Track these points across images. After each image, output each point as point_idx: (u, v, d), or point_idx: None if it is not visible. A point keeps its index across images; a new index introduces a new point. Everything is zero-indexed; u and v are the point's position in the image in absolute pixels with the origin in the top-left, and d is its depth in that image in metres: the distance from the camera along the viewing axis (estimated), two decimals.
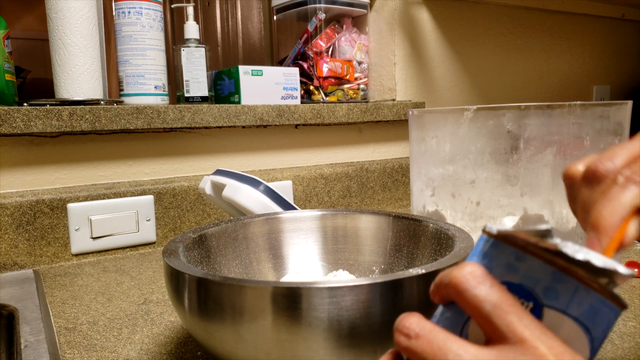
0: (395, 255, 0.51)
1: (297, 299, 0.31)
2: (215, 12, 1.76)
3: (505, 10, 1.34)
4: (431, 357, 0.22)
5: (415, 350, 0.22)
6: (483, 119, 0.47)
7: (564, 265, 0.23)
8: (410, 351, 0.23)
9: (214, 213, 0.88)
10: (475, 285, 0.22)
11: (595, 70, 1.59)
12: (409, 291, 0.33)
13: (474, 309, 0.22)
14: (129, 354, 0.46)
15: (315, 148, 1.06)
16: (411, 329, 0.23)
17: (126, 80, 0.86)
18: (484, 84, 1.33)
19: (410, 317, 0.24)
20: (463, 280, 0.23)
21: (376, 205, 1.08)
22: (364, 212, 0.54)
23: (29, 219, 0.73)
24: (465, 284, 0.22)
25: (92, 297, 0.61)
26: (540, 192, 0.47)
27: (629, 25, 1.65)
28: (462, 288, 0.22)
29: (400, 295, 0.32)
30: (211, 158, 0.94)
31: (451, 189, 0.51)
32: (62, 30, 0.76)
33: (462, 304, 0.23)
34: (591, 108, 0.47)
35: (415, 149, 0.56)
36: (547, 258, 0.23)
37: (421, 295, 0.33)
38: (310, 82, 1.07)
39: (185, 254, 0.43)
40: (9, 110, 0.72)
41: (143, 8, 0.84)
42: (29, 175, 0.78)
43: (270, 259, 0.53)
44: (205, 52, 0.94)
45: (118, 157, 0.85)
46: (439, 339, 0.22)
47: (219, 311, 0.33)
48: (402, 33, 1.14)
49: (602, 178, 0.27)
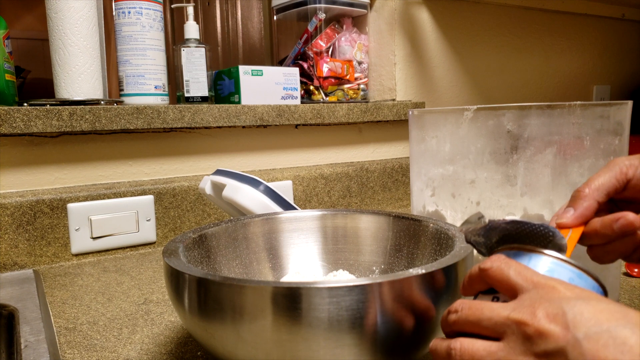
0: (395, 255, 0.51)
1: (297, 299, 0.31)
2: (215, 12, 1.76)
3: (505, 10, 1.34)
4: (472, 317, 0.28)
5: (460, 318, 0.28)
6: (483, 119, 0.47)
7: (515, 246, 0.31)
8: (459, 321, 0.28)
9: (214, 213, 0.88)
10: (495, 262, 0.29)
11: (595, 70, 1.59)
12: (409, 291, 0.33)
13: (499, 277, 0.29)
14: (129, 354, 0.46)
15: (315, 148, 1.06)
16: (455, 306, 0.29)
17: (126, 80, 0.86)
18: (484, 84, 1.33)
19: (454, 302, 0.30)
20: (488, 262, 0.30)
21: (376, 205, 1.08)
22: (364, 212, 0.54)
23: (29, 219, 0.73)
24: (489, 263, 0.29)
25: (92, 297, 0.61)
26: (540, 192, 0.47)
27: (629, 25, 1.65)
28: (486, 267, 0.29)
29: (400, 295, 0.32)
30: (211, 158, 0.94)
31: (451, 189, 0.51)
32: (62, 30, 0.76)
33: (491, 279, 0.29)
34: (591, 108, 0.47)
35: (415, 149, 0.56)
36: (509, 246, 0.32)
37: (421, 295, 0.33)
38: (310, 82, 1.07)
39: (185, 254, 0.43)
40: (9, 110, 0.72)
41: (143, 8, 0.84)
42: (29, 175, 0.78)
43: (270, 259, 0.53)
44: (205, 52, 0.94)
45: (118, 157, 0.85)
46: (475, 303, 0.28)
47: (219, 311, 0.33)
48: (402, 33, 1.14)
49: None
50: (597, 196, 0.36)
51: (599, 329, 0.23)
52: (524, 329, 0.25)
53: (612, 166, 0.37)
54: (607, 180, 0.37)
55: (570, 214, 0.36)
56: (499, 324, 0.26)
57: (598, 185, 0.37)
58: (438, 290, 0.34)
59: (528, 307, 0.25)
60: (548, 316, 0.24)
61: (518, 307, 0.26)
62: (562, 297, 0.25)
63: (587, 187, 0.37)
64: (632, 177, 0.36)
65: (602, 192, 0.36)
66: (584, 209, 0.36)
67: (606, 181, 0.37)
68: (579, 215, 0.36)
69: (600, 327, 0.23)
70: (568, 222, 0.36)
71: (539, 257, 0.30)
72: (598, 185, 0.37)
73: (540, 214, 0.48)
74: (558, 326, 0.24)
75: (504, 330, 0.26)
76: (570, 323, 0.24)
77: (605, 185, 0.36)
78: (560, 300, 0.25)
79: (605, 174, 0.37)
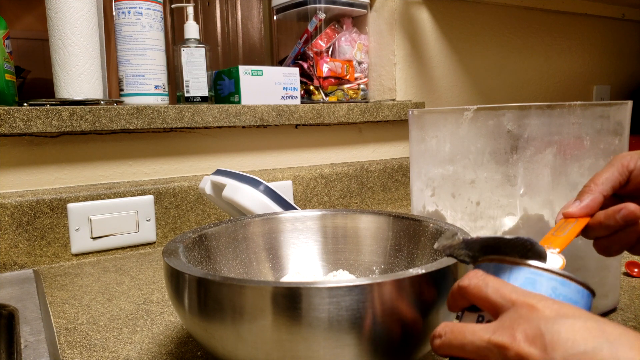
0: (395, 255, 0.51)
1: (297, 299, 0.31)
2: (215, 12, 1.76)
3: (505, 10, 1.34)
4: (455, 341, 0.28)
5: (444, 343, 0.28)
6: (483, 119, 0.47)
7: (495, 258, 0.31)
8: (443, 346, 0.28)
9: (214, 213, 0.88)
10: (472, 279, 0.30)
11: (595, 70, 1.59)
12: (409, 291, 0.33)
13: (477, 296, 0.29)
14: (129, 354, 0.46)
15: (315, 148, 1.06)
16: (438, 330, 0.29)
17: (126, 80, 0.86)
18: (484, 84, 1.33)
19: (438, 326, 0.29)
20: (466, 280, 0.30)
21: (376, 205, 1.08)
22: (364, 212, 0.54)
23: (29, 219, 0.73)
24: (466, 280, 0.30)
25: (92, 297, 0.61)
26: (540, 192, 0.47)
27: (629, 25, 1.65)
28: (464, 285, 0.30)
29: (400, 295, 0.32)
30: (211, 158, 0.94)
31: (451, 189, 0.51)
32: (62, 30, 0.76)
33: (470, 297, 0.29)
34: (591, 108, 0.47)
35: (415, 149, 0.56)
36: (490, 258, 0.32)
37: (421, 295, 0.33)
38: (310, 82, 1.07)
39: (185, 254, 0.43)
40: (9, 110, 0.72)
41: (143, 8, 0.84)
42: (29, 175, 0.78)
43: (270, 259, 0.53)
44: (205, 52, 0.94)
45: (118, 157, 0.85)
46: (457, 327, 0.28)
47: (219, 311, 0.33)
48: (402, 33, 1.14)
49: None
50: (602, 189, 0.39)
51: (576, 350, 0.23)
52: (505, 352, 0.25)
53: (614, 162, 0.40)
54: (611, 174, 0.39)
55: (576, 204, 0.39)
56: (481, 348, 0.26)
57: (602, 179, 0.39)
58: (438, 290, 0.34)
59: (508, 329, 0.26)
60: (527, 339, 0.25)
61: (498, 329, 0.26)
62: (541, 317, 0.25)
63: (592, 183, 0.40)
64: (634, 169, 0.39)
65: (606, 186, 0.39)
66: (590, 201, 0.39)
67: (610, 175, 0.39)
68: (585, 206, 0.38)
69: (577, 349, 0.23)
70: (574, 212, 0.38)
71: (519, 269, 0.30)
72: (602, 179, 0.39)
73: (540, 214, 0.48)
74: (537, 349, 0.24)
75: (486, 354, 0.26)
76: (549, 345, 0.24)
77: (609, 179, 0.39)
78: (538, 320, 0.25)
79: (609, 169, 0.40)
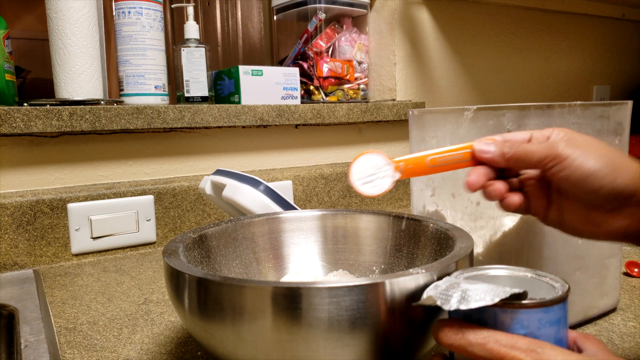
0: (395, 255, 0.51)
1: (297, 299, 0.31)
2: (215, 12, 1.76)
3: (505, 10, 1.34)
4: None
5: None
6: (483, 119, 0.47)
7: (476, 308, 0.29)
8: None
9: (214, 213, 0.88)
10: (451, 337, 0.29)
11: (595, 70, 1.59)
12: (409, 291, 0.33)
13: (464, 354, 0.29)
14: (129, 354, 0.46)
15: (315, 148, 1.06)
16: None
17: (126, 80, 0.86)
18: (484, 84, 1.33)
19: None
20: (442, 336, 0.30)
21: (376, 205, 1.08)
22: (364, 212, 0.54)
23: (29, 219, 0.73)
24: (446, 339, 0.30)
25: (92, 297, 0.61)
26: None
27: (629, 25, 1.65)
28: (447, 343, 0.30)
29: (401, 295, 0.32)
30: (211, 158, 0.94)
31: (451, 189, 0.51)
32: (62, 30, 0.76)
33: (456, 353, 0.30)
34: (591, 108, 0.47)
35: (415, 149, 0.56)
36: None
37: (421, 295, 0.33)
38: (310, 82, 1.07)
39: (185, 254, 0.43)
40: (9, 110, 0.72)
41: (143, 8, 0.84)
42: (29, 175, 0.78)
43: (270, 259, 0.53)
44: (205, 52, 0.94)
45: (118, 157, 0.85)
46: None
47: (219, 311, 0.33)
48: (402, 33, 1.14)
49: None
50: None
51: None
52: None
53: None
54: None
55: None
56: None
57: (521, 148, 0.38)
58: None
59: None
60: None
61: None
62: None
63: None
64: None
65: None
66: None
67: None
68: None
69: None
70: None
71: (504, 311, 0.29)
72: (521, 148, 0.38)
73: None
74: None
75: None
76: None
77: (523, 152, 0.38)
78: None
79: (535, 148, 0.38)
